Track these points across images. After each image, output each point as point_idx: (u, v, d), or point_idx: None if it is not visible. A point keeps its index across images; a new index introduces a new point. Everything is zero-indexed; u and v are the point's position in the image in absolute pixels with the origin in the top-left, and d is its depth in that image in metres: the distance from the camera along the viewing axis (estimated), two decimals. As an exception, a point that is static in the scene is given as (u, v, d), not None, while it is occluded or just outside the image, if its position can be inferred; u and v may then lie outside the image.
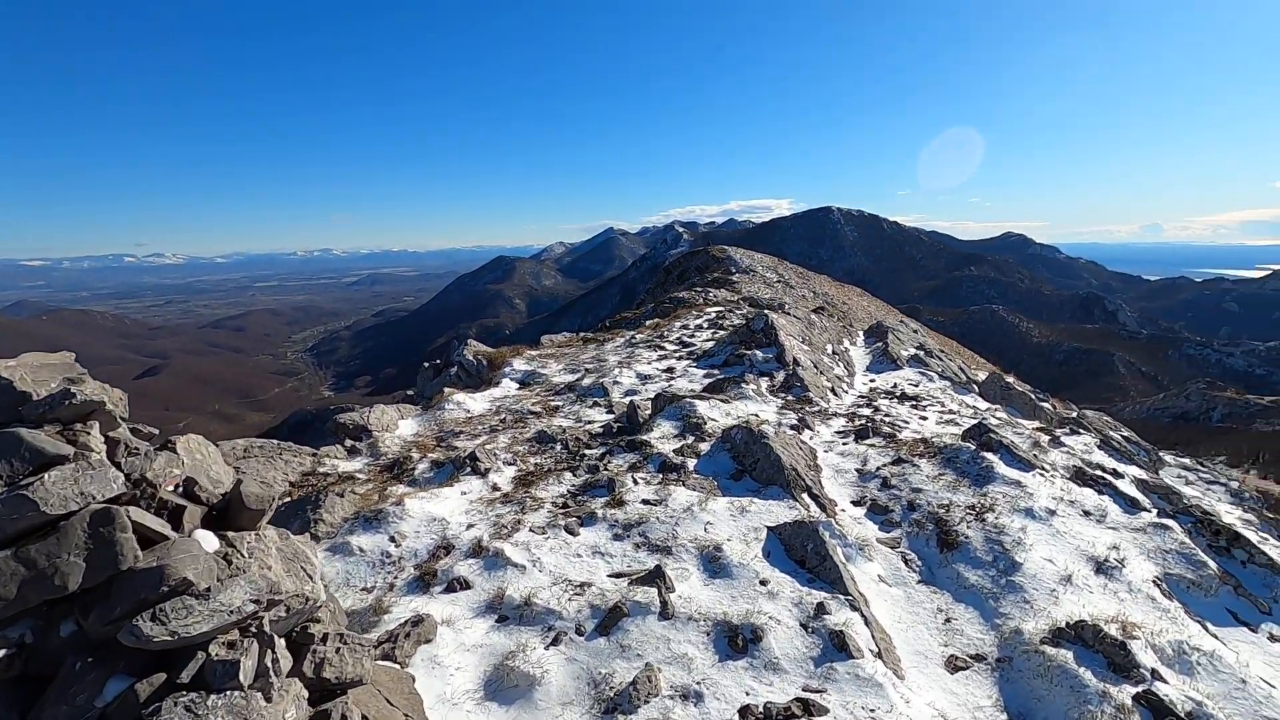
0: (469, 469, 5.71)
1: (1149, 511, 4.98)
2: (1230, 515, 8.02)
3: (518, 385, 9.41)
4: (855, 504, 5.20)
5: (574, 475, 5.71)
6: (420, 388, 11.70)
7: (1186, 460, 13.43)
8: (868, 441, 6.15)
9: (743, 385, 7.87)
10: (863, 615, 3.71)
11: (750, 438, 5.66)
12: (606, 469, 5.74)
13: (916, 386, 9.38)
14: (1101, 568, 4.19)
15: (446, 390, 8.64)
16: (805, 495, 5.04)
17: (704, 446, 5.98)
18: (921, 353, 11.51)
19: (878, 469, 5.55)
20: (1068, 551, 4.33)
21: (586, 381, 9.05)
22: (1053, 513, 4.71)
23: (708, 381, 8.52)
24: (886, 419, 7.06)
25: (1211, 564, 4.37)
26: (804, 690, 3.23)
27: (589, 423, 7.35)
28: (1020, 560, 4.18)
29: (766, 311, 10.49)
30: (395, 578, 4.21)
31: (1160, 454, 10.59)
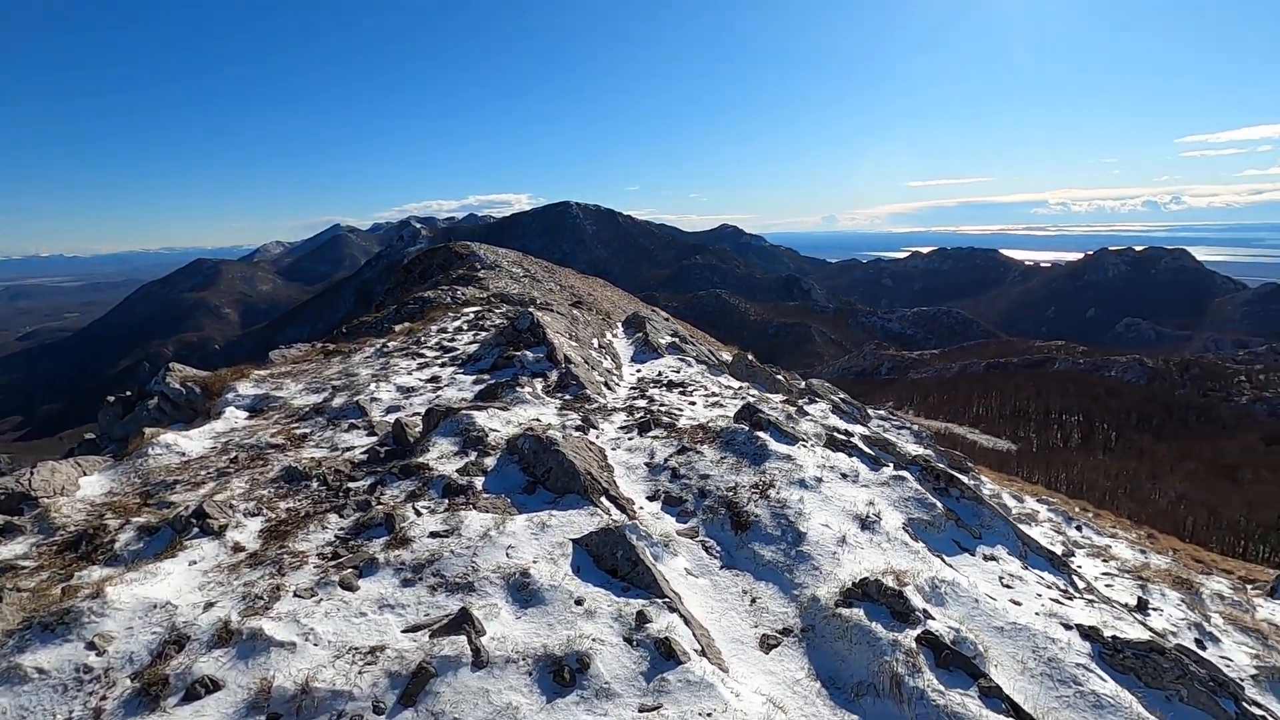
0: (196, 529, 4.58)
1: (888, 466, 5.79)
2: (915, 449, 9.71)
3: (247, 414, 7.94)
4: (650, 499, 5.23)
5: (340, 516, 4.90)
6: (106, 429, 9.31)
7: (882, 411, 16.17)
8: (651, 434, 6.26)
9: (517, 389, 7.54)
10: (681, 615, 3.68)
11: (539, 446, 5.39)
12: (380, 502, 5.03)
13: (678, 373, 9.90)
14: (865, 524, 4.73)
15: (148, 431, 6.93)
16: (604, 499, 4.92)
17: (489, 461, 5.56)
18: (677, 340, 12.23)
19: (665, 460, 5.66)
20: (838, 514, 4.81)
21: (338, 401, 7.96)
22: (820, 480, 5.22)
23: (479, 388, 8.03)
24: (663, 408, 7.28)
25: (939, 504, 5.21)
26: (640, 711, 3.08)
27: (348, 450, 6.43)
28: (804, 530, 4.52)
29: (531, 310, 10.24)
30: (103, 700, 3.16)
31: (866, 408, 12.52)
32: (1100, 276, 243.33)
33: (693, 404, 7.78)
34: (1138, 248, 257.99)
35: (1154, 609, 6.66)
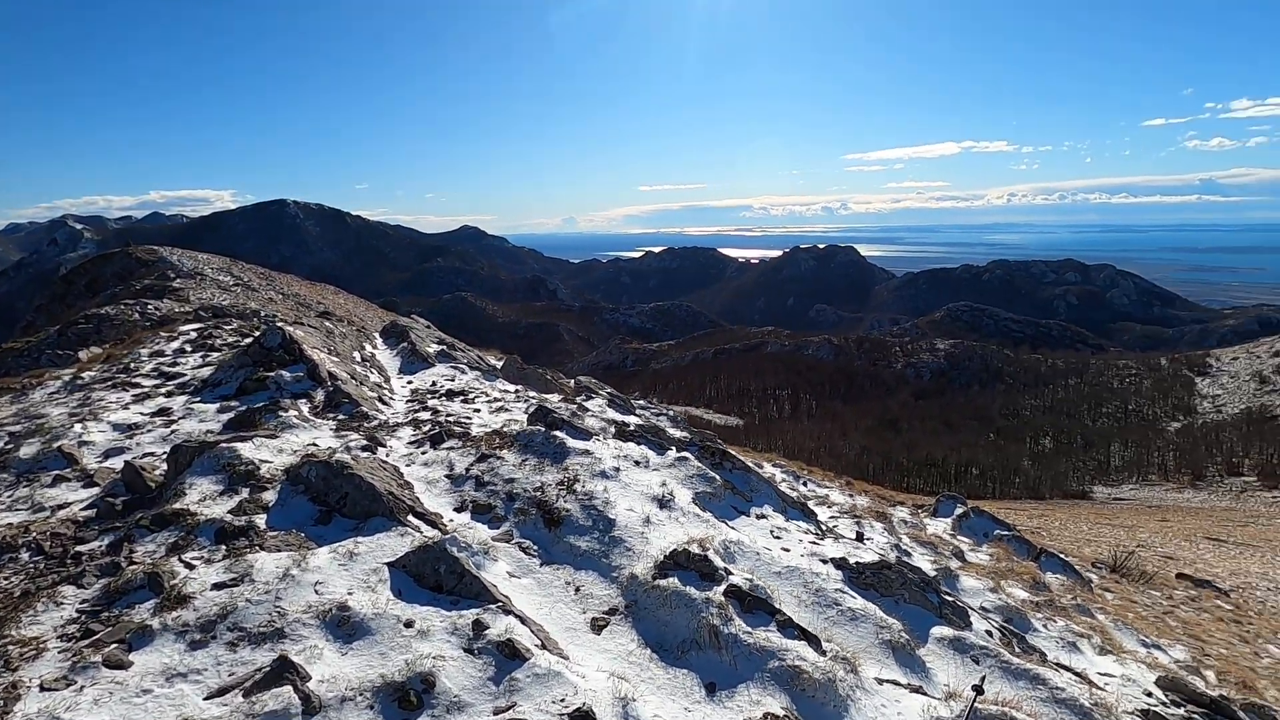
0: None
1: (671, 450, 6.46)
2: (677, 433, 10.80)
3: (-120, 481, 6.01)
4: (459, 510, 5.19)
5: (80, 587, 4.06)
6: None
7: (642, 401, 17.44)
8: (445, 445, 6.16)
9: (281, 413, 6.82)
10: (517, 616, 3.81)
11: (329, 471, 5.01)
12: (135, 561, 4.27)
13: (454, 381, 9.72)
14: (663, 503, 5.27)
15: None
16: (411, 518, 4.78)
17: (269, 496, 5.02)
18: (445, 347, 11.93)
19: (467, 470, 5.64)
20: (639, 498, 5.29)
21: (27, 451, 6.42)
22: (618, 470, 5.66)
23: (228, 417, 7.07)
24: (450, 418, 7.16)
25: (718, 477, 5.99)
26: (495, 714, 3.17)
27: (62, 507, 5.28)
28: (613, 517, 4.90)
29: (281, 325, 9.21)
30: None
31: (630, 400, 13.48)
32: (796, 270, 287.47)
33: (478, 411, 7.76)
34: (821, 246, 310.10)
35: (868, 538, 8.35)
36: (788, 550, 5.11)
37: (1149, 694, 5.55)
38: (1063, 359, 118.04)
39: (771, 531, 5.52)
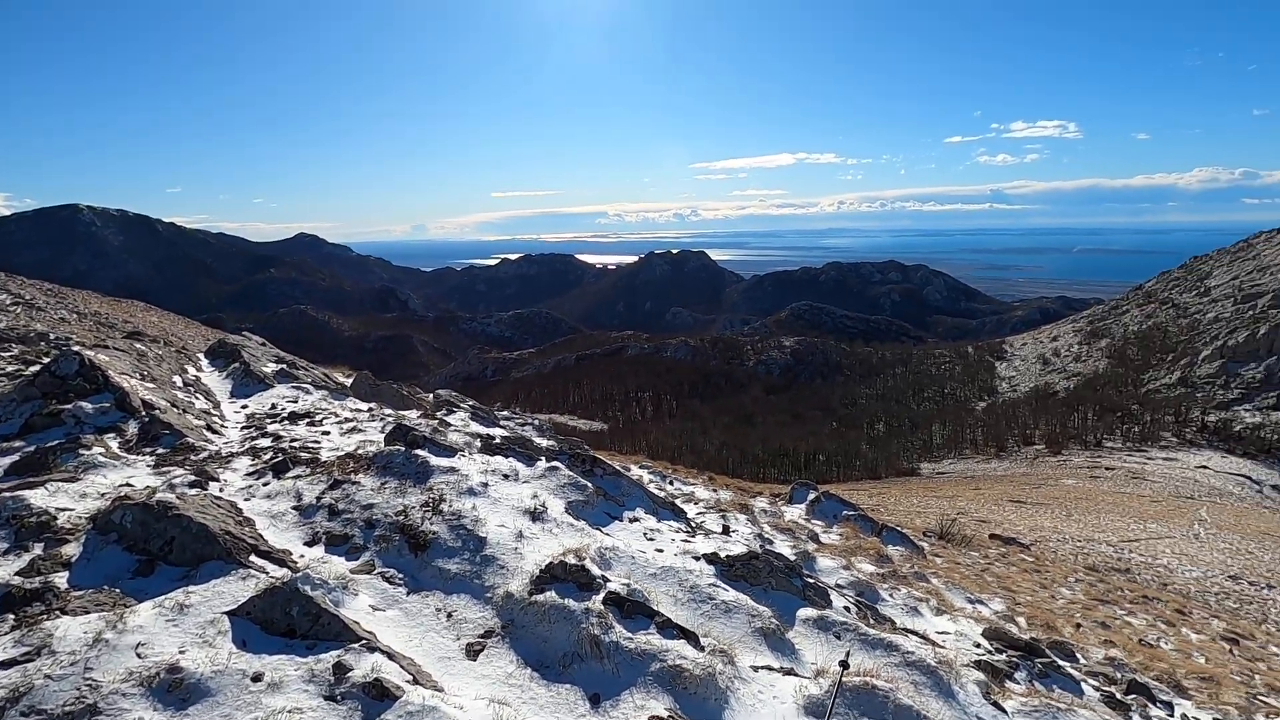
0: None
1: (541, 460, 6.34)
2: (545, 442, 10.68)
3: None
4: (310, 544, 4.75)
5: None
6: None
7: (505, 412, 17.04)
8: (291, 474, 5.62)
9: (83, 451, 5.89)
10: (384, 652, 3.54)
11: (149, 514, 4.39)
12: (-116, 648, 3.46)
13: (297, 403, 8.93)
14: (535, 516, 5.16)
15: None
16: (254, 558, 4.30)
17: (70, 550, 4.30)
18: (285, 366, 10.93)
19: (318, 499, 5.19)
20: (510, 513, 5.14)
21: None
22: (487, 485, 5.46)
23: (11, 461, 5.99)
24: (295, 444, 6.55)
25: (589, 485, 5.96)
26: (365, 762, 2.92)
27: None
28: (484, 535, 4.72)
29: (78, 348, 7.94)
30: None
31: (494, 411, 13.14)
32: (652, 275, 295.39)
33: (328, 434, 7.17)
34: (674, 251, 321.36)
35: (734, 531, 8.72)
36: (662, 551, 5.19)
37: (978, 645, 6.25)
38: (890, 351, 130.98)
39: (645, 534, 5.58)
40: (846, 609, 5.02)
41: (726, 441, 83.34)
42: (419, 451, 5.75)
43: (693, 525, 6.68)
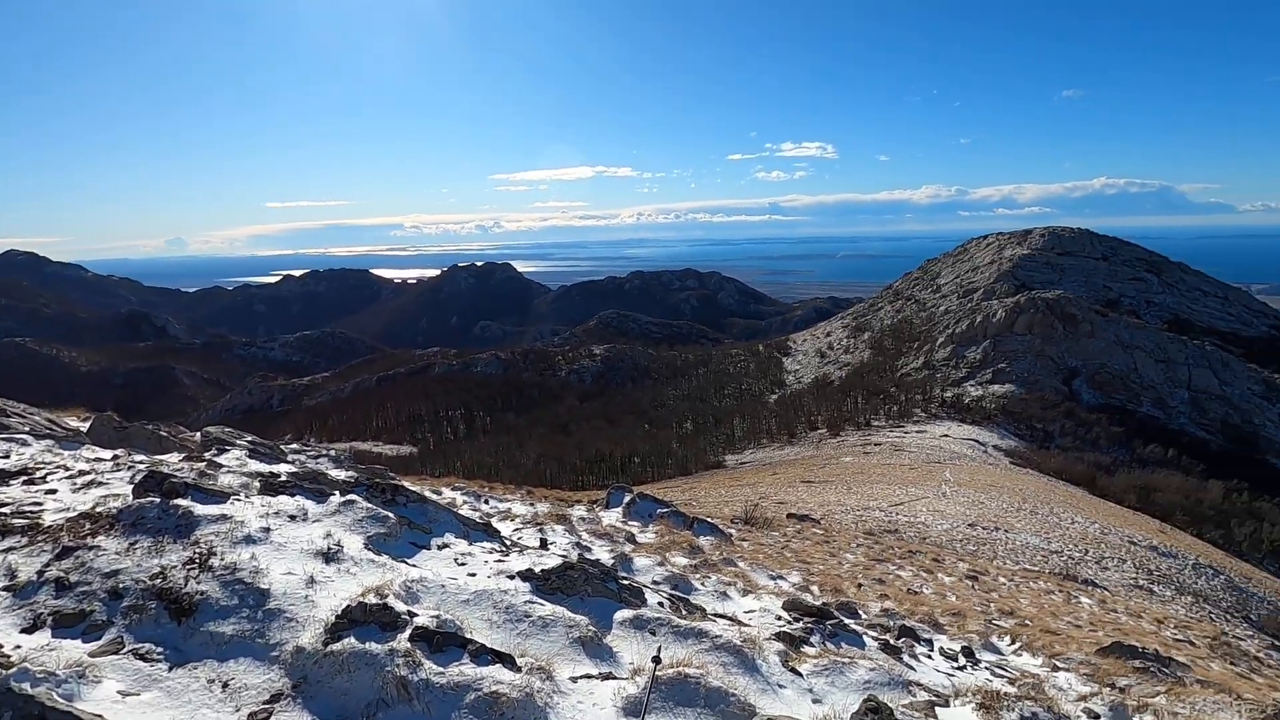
0: None
1: (334, 495, 5.79)
2: (343, 474, 9.89)
3: None
4: (30, 630, 3.88)
5: None
6: None
7: (295, 444, 15.46)
8: (1, 546, 4.56)
9: None
10: (138, 744, 2.99)
11: None
12: None
13: (9, 458, 7.30)
14: (330, 557, 4.69)
15: None
16: (-56, 659, 3.41)
17: None
18: (-10, 414, 8.88)
19: (40, 574, 4.26)
20: (299, 557, 4.62)
21: None
22: (269, 530, 4.86)
23: None
24: (4, 511, 5.33)
25: (391, 515, 5.55)
26: None
27: None
28: (266, 586, 4.20)
29: None
30: None
31: (279, 445, 11.87)
32: (456, 289, 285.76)
33: (54, 492, 5.93)
34: (479, 263, 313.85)
35: (552, 543, 8.68)
36: (475, 575, 4.99)
37: (779, 617, 6.82)
38: (693, 353, 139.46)
39: (456, 559, 5.33)
40: (661, 604, 5.21)
41: (544, 453, 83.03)
42: (180, 501, 4.97)
43: (508, 543, 6.53)
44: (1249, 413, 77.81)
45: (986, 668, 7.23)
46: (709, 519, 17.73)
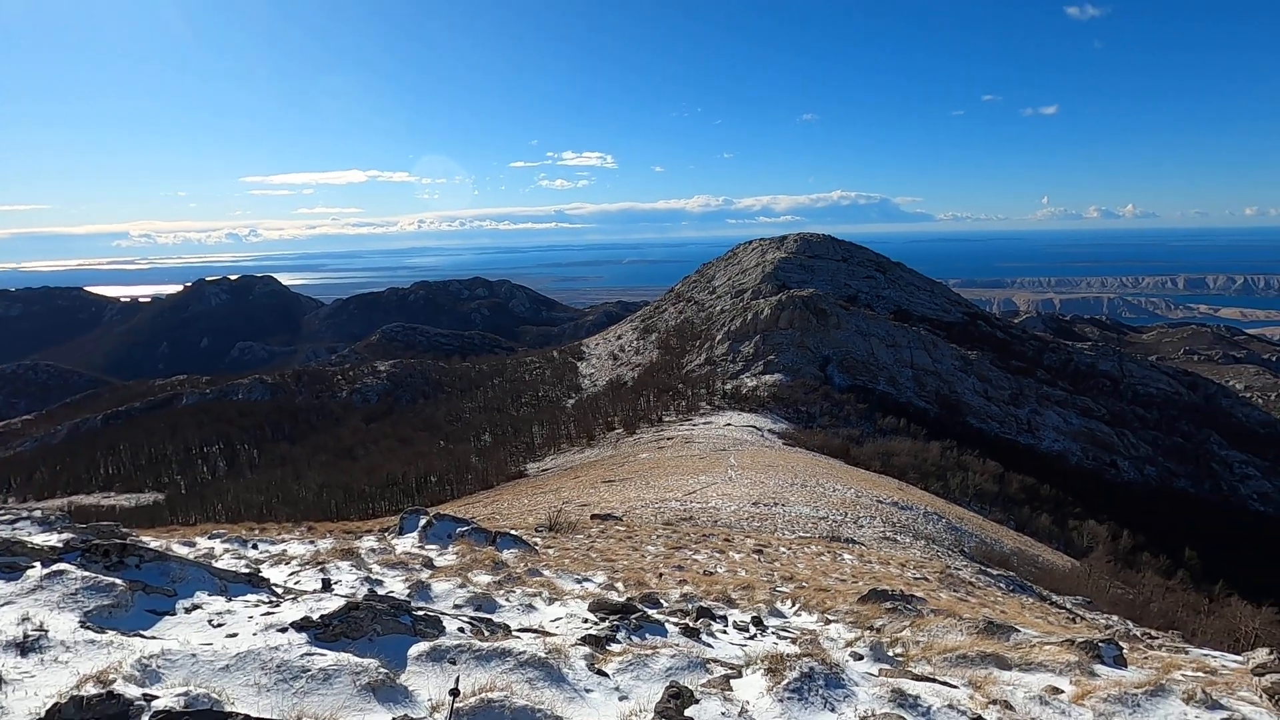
0: None
1: (34, 568, 4.63)
2: (55, 538, 8.17)
3: None
4: None
5: None
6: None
7: (-19, 510, 12.38)
8: None
9: None
10: None
11: None
12: None
13: None
14: (27, 648, 3.72)
15: None
16: None
17: None
18: None
19: None
20: (-22, 654, 3.62)
21: None
22: (-71, 626, 3.74)
23: None
24: None
25: (120, 581, 4.57)
26: None
27: None
28: (-74, 701, 3.23)
29: None
30: None
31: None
32: (205, 307, 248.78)
33: None
34: (233, 277, 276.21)
35: (336, 582, 7.86)
36: (236, 635, 4.31)
37: (585, 620, 6.86)
38: (487, 363, 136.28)
39: (210, 621, 4.56)
40: (461, 630, 4.93)
41: (327, 482, 75.59)
42: None
43: (279, 592, 5.76)
44: (953, 384, 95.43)
45: (774, 632, 7.94)
46: (512, 531, 17.38)
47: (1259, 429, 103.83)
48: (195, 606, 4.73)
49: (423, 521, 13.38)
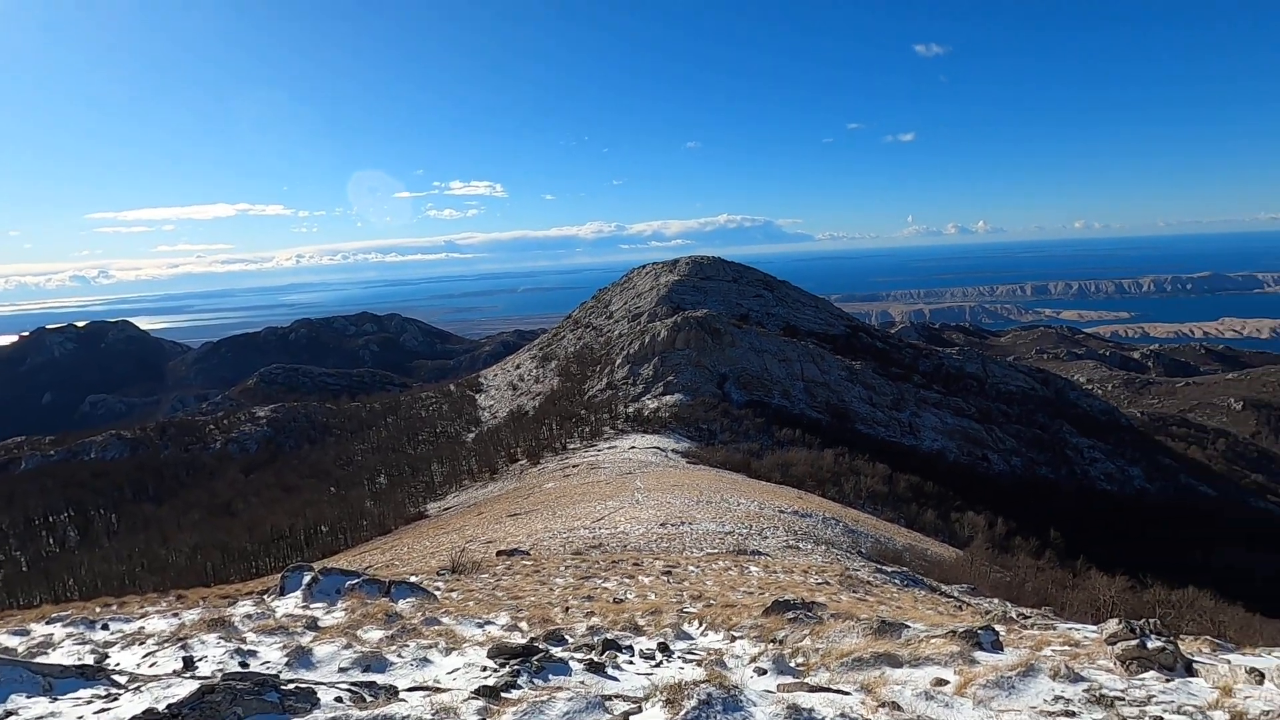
0: None
1: None
2: None
3: None
4: None
5: None
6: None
7: None
8: None
9: None
10: None
11: None
12: None
13: None
14: None
15: None
16: None
17: None
18: None
19: None
20: None
21: None
22: None
23: None
24: None
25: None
26: None
27: None
28: None
29: None
30: None
31: None
32: (47, 357, 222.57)
33: None
34: (80, 323, 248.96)
35: (201, 658, 7.06)
36: (60, 740, 3.73)
37: (484, 668, 6.52)
38: (378, 401, 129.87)
39: (30, 728, 3.92)
40: (339, 700, 4.52)
41: (201, 543, 68.90)
42: None
43: (124, 679, 5.08)
44: (842, 393, 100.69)
45: (680, 656, 7.89)
46: (411, 578, 16.47)
47: (1100, 416, 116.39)
48: (8, 714, 4.06)
49: (307, 578, 12.39)
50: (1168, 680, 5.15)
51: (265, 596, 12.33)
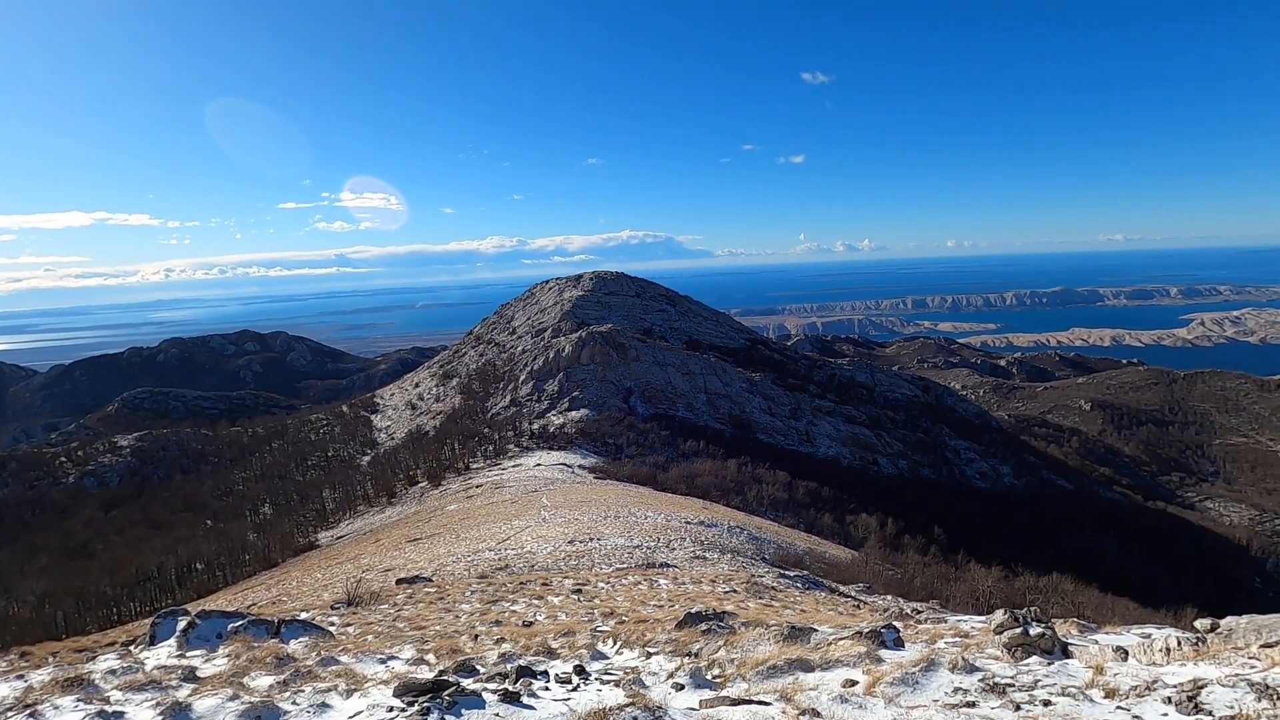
0: None
1: None
2: None
3: None
4: None
5: None
6: None
7: None
8: None
9: None
10: None
11: None
12: None
13: None
14: None
15: None
16: None
17: None
18: None
19: None
20: None
21: None
22: None
23: None
24: None
25: None
26: None
27: None
28: None
29: None
30: None
31: None
32: None
33: None
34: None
35: (55, 725, 6.23)
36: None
37: (390, 709, 6.15)
38: (262, 425, 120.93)
39: None
40: (227, 759, 4.10)
41: (51, 590, 61.33)
42: None
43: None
44: (743, 404, 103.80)
45: (596, 678, 7.75)
46: (302, 615, 15.35)
47: (974, 419, 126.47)
48: None
49: (182, 623, 11.27)
50: (1049, 664, 5.59)
51: (132, 647, 11.10)
